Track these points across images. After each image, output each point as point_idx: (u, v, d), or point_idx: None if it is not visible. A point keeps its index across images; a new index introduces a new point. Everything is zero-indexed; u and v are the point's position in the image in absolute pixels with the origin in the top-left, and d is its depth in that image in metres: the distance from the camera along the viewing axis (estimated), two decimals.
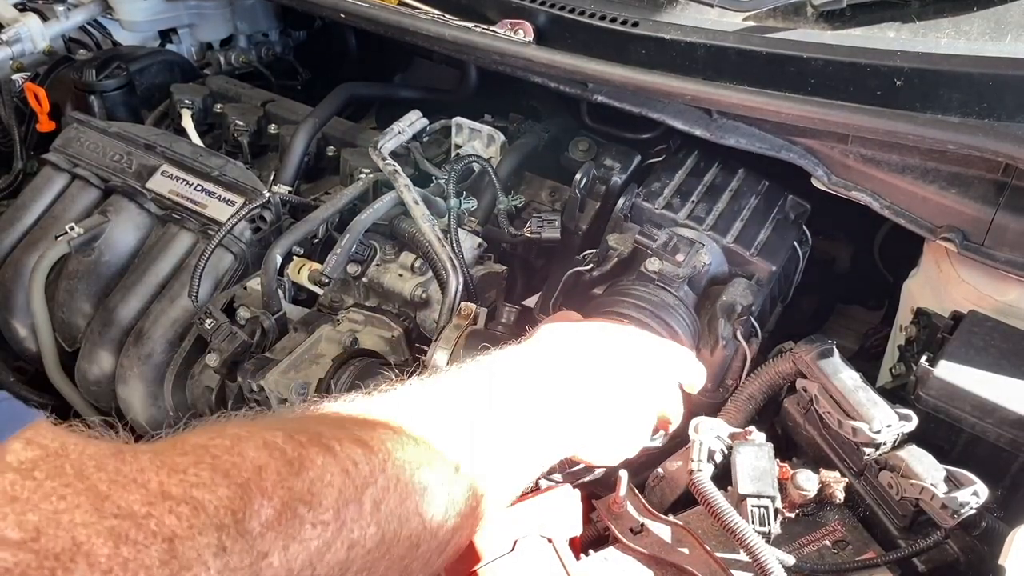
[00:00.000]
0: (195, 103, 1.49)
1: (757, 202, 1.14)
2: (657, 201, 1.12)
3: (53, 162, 1.40)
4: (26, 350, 1.37)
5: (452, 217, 1.16)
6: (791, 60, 0.96)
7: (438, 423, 0.66)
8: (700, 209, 1.11)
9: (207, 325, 1.12)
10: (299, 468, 0.54)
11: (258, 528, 0.50)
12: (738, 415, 0.99)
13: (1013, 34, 0.89)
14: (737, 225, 1.10)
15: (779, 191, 1.16)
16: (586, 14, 1.08)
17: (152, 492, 0.47)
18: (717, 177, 1.16)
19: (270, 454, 0.54)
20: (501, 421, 0.70)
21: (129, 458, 0.49)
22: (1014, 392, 0.86)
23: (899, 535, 0.85)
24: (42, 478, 0.45)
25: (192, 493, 0.48)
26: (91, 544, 0.43)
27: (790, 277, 1.19)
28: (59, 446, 0.47)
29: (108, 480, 0.46)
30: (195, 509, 0.48)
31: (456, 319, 1.02)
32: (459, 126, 1.34)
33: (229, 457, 0.52)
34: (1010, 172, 0.94)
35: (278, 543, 0.51)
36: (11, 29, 1.68)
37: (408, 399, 0.67)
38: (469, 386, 0.71)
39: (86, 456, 0.47)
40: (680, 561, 0.82)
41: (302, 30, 1.92)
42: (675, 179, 1.15)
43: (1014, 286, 0.98)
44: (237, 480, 0.51)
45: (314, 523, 0.53)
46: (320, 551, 0.53)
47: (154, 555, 0.45)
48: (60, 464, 0.46)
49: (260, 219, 1.26)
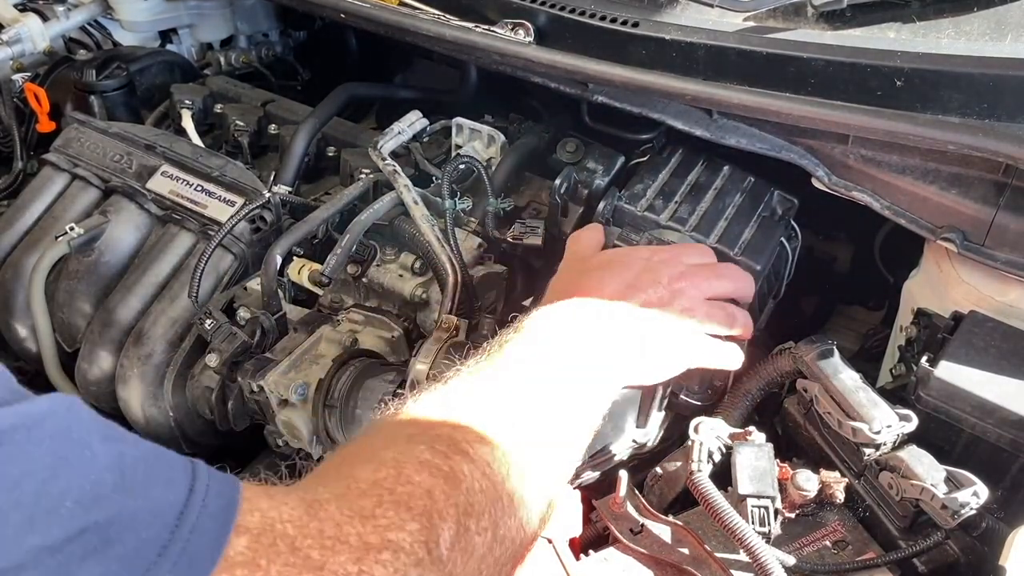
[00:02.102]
0: (195, 103, 1.49)
1: (742, 200, 1.12)
2: (640, 203, 1.11)
3: (53, 162, 1.40)
4: (26, 350, 1.37)
5: (449, 218, 1.16)
6: (791, 60, 0.96)
7: (512, 406, 0.71)
8: (683, 210, 1.10)
9: (207, 325, 1.12)
10: (456, 482, 0.59)
11: (446, 552, 0.55)
12: (734, 412, 0.99)
13: (1013, 34, 0.89)
14: (721, 224, 1.09)
15: (765, 187, 1.14)
16: (586, 14, 1.08)
17: (355, 548, 0.51)
18: (701, 176, 1.15)
19: (431, 474, 0.58)
20: (563, 388, 0.75)
21: (321, 513, 0.53)
22: (1015, 392, 0.86)
23: (899, 535, 0.85)
24: (266, 565, 0.48)
25: (388, 537, 0.53)
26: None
27: (780, 273, 1.18)
28: (260, 522, 0.50)
29: (317, 546, 0.50)
30: (395, 553, 0.52)
31: (437, 331, 1.00)
32: (459, 126, 1.34)
33: (402, 488, 0.56)
34: (1010, 172, 0.94)
35: (460, 559, 0.56)
36: (11, 29, 1.69)
37: (481, 387, 0.72)
38: (524, 362, 0.75)
39: (287, 525, 0.51)
40: (680, 561, 0.82)
41: (302, 30, 1.92)
42: (658, 179, 1.14)
43: (1014, 286, 0.98)
44: (417, 510, 0.55)
45: (478, 531, 0.58)
46: (484, 556, 0.58)
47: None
48: (272, 542, 0.49)
49: (260, 219, 1.26)
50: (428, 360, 0.96)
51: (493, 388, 0.72)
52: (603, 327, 0.82)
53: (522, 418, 0.70)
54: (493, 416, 0.68)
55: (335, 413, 1.00)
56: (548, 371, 0.75)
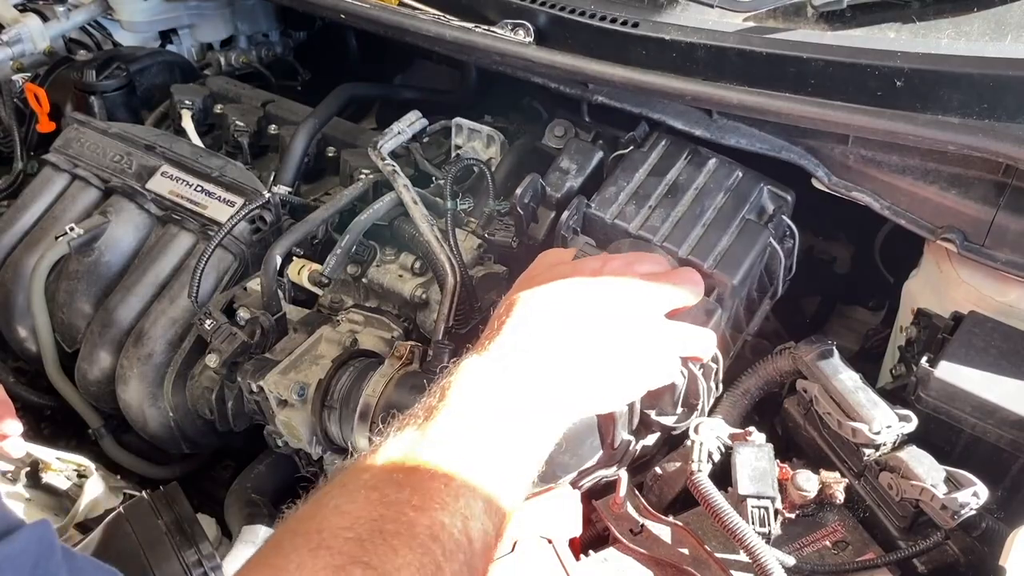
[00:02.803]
0: (195, 104, 1.49)
1: (725, 200, 1.04)
2: (610, 210, 1.04)
3: (53, 163, 1.40)
4: (26, 351, 1.37)
5: (449, 218, 1.16)
6: (791, 60, 0.96)
7: (467, 456, 0.69)
8: (656, 216, 1.03)
9: (207, 326, 1.12)
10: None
11: None
12: (733, 411, 0.99)
13: (1013, 35, 0.89)
14: (696, 232, 1.01)
15: (754, 183, 1.06)
16: (586, 14, 1.08)
17: None
18: (683, 173, 1.07)
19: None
20: (511, 431, 0.72)
21: None
22: (1015, 393, 0.86)
23: (899, 536, 0.85)
24: None
25: None
26: None
27: (774, 273, 1.11)
28: None
29: None
30: None
31: (389, 359, 0.96)
32: (459, 127, 1.34)
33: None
34: (1010, 173, 0.94)
35: None
36: (11, 29, 1.69)
37: (398, 479, 0.67)
38: (447, 443, 0.70)
39: None
40: (680, 562, 0.82)
41: (302, 30, 1.92)
42: (634, 180, 1.07)
43: (1014, 287, 0.98)
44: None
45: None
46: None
47: None
48: None
49: (260, 220, 1.26)
50: (376, 392, 0.91)
51: (411, 480, 0.66)
52: (542, 366, 0.76)
53: (440, 521, 0.64)
54: (403, 521, 0.63)
55: (334, 414, 1.00)
56: (475, 453, 0.69)
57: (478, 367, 0.75)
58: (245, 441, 1.27)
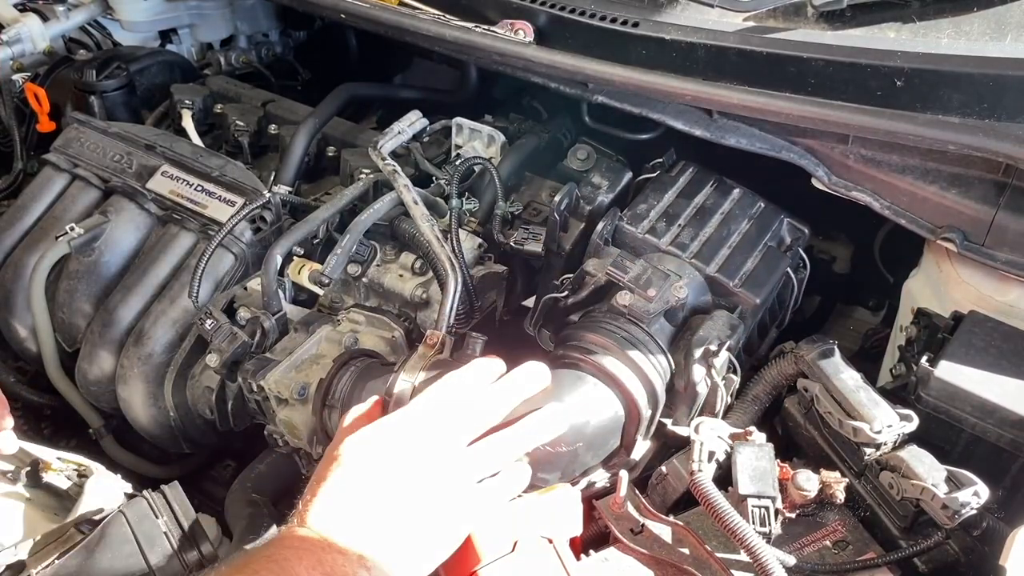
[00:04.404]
0: (195, 103, 1.49)
1: (749, 227, 1.09)
2: (641, 225, 1.08)
3: (53, 162, 1.40)
4: (26, 350, 1.37)
5: (453, 217, 1.16)
6: (791, 60, 0.96)
7: None
8: (685, 235, 1.07)
9: (207, 325, 1.12)
10: None
11: None
12: (744, 417, 0.99)
13: (1013, 34, 0.89)
14: (723, 253, 1.06)
15: (775, 215, 1.12)
16: (586, 14, 1.08)
17: None
18: (709, 198, 1.12)
19: None
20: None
21: None
22: (1015, 392, 0.86)
23: (900, 535, 0.85)
24: None
25: None
26: None
27: (785, 303, 1.15)
28: None
29: None
30: None
31: (422, 347, 0.95)
32: (459, 126, 1.34)
33: None
34: (1010, 172, 0.94)
35: None
36: (11, 29, 1.69)
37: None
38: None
39: None
40: (680, 561, 0.82)
41: (302, 30, 1.92)
42: (664, 200, 1.11)
43: (1014, 286, 0.98)
44: None
45: None
46: None
47: None
48: None
49: (260, 219, 1.26)
50: (412, 376, 0.90)
51: None
52: (354, 542, 0.72)
53: None
54: None
55: (335, 413, 1.00)
56: None
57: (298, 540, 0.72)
58: (245, 441, 1.27)
